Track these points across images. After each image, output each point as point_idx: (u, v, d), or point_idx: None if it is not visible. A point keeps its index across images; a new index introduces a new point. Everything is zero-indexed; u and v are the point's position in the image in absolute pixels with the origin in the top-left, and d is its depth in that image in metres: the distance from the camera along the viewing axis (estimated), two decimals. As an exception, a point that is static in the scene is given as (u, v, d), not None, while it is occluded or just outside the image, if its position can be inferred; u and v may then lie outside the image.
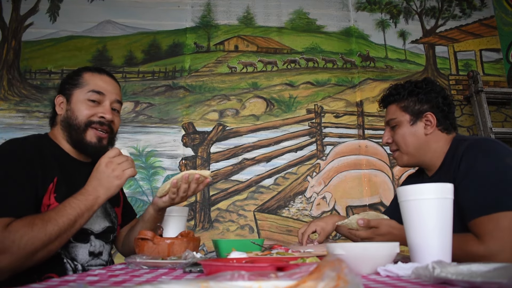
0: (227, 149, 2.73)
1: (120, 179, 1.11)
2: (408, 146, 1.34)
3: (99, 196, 1.10)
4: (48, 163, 1.18)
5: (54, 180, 1.16)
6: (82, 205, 1.07)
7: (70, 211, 1.06)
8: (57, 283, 0.70)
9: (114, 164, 1.11)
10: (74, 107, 1.28)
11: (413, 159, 1.35)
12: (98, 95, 1.28)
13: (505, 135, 2.74)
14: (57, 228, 1.02)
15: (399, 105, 1.36)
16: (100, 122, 1.28)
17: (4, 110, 2.67)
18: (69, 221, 1.04)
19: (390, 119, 1.38)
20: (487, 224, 1.07)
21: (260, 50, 2.93)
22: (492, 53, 3.05)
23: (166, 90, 2.80)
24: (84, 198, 1.08)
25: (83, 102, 1.28)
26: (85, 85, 1.29)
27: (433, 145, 1.32)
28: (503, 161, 1.14)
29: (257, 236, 2.59)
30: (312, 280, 0.43)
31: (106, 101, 1.30)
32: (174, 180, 1.21)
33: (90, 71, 1.33)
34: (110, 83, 1.34)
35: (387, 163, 2.77)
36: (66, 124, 1.28)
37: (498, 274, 0.60)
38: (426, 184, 0.87)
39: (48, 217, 1.04)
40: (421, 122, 1.33)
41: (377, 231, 1.12)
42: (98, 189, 1.10)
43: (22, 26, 2.82)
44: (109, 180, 1.10)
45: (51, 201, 1.15)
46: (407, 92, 1.35)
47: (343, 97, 2.87)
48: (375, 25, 3.04)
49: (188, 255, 1.00)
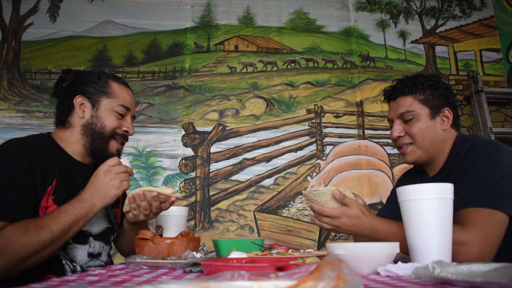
0: (227, 149, 2.73)
1: (117, 189, 1.11)
2: (426, 141, 1.27)
3: (95, 204, 1.10)
4: (48, 164, 1.17)
5: (53, 182, 1.15)
6: (77, 212, 1.07)
7: (65, 218, 1.05)
8: (57, 283, 0.70)
9: (113, 174, 1.11)
10: (102, 115, 1.28)
11: (426, 154, 1.29)
12: (125, 109, 1.31)
13: (505, 135, 2.74)
14: (51, 234, 1.02)
15: (417, 97, 1.29)
16: (123, 135, 1.32)
17: (4, 110, 2.67)
18: (63, 228, 1.04)
19: (406, 111, 1.29)
20: (474, 215, 1.06)
21: (260, 50, 2.93)
22: (492, 53, 3.05)
23: (166, 90, 2.80)
24: (80, 206, 1.08)
25: (112, 113, 1.29)
26: (114, 97, 1.30)
27: (445, 142, 1.29)
28: (503, 164, 1.14)
29: (257, 236, 2.59)
30: (312, 280, 0.43)
31: (129, 116, 1.34)
32: (130, 195, 1.19)
33: (117, 81, 1.34)
34: (132, 98, 1.37)
35: (387, 163, 2.77)
36: (90, 130, 1.27)
37: (498, 274, 0.60)
38: (426, 184, 0.88)
39: (43, 223, 1.03)
40: (439, 117, 1.28)
41: (346, 211, 1.07)
42: (95, 197, 1.10)
43: (22, 26, 2.82)
44: (106, 189, 1.10)
45: (49, 203, 1.14)
46: (427, 85, 1.29)
47: (343, 97, 2.87)
48: (375, 25, 3.04)
49: (188, 255, 1.00)
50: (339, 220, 1.07)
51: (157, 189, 1.18)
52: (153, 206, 1.20)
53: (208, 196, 2.64)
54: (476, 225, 1.04)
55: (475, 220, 1.05)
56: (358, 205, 1.09)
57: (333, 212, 1.08)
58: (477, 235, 1.02)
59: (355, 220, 1.07)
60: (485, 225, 1.04)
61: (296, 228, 2.63)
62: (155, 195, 1.16)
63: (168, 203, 1.22)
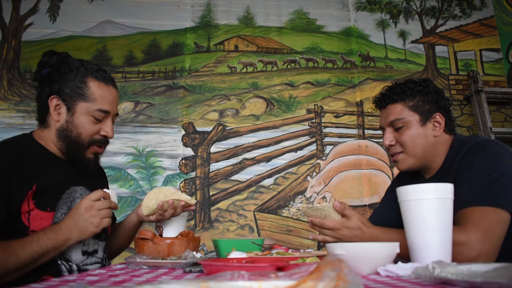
0: (227, 149, 2.73)
1: (96, 227, 1.07)
2: (417, 148, 1.25)
3: (70, 238, 1.06)
4: (26, 170, 1.12)
5: (33, 188, 1.11)
6: (50, 244, 1.03)
7: (36, 248, 1.01)
8: (57, 283, 0.70)
9: (94, 210, 1.07)
10: (77, 121, 1.19)
11: (418, 162, 1.28)
12: (104, 114, 1.21)
13: (505, 135, 2.74)
14: (17, 263, 0.99)
15: (406, 104, 1.27)
16: (101, 140, 1.23)
17: (4, 110, 2.67)
18: (32, 258, 1.01)
19: (396, 119, 1.27)
20: (473, 214, 1.05)
21: (260, 50, 2.93)
22: (492, 53, 3.05)
23: (166, 90, 2.80)
24: (55, 237, 1.04)
25: (87, 118, 1.19)
26: (92, 100, 1.19)
27: (438, 147, 1.27)
28: (503, 162, 1.13)
29: (257, 236, 2.59)
30: (312, 280, 0.43)
31: (109, 118, 1.24)
32: (160, 203, 1.22)
33: (96, 79, 1.21)
34: (115, 97, 1.26)
35: (387, 163, 2.77)
36: (65, 136, 1.20)
37: (498, 274, 0.60)
38: (426, 184, 0.87)
39: (12, 249, 0.99)
40: (430, 123, 1.27)
41: (347, 222, 1.07)
42: (72, 231, 1.05)
43: (22, 26, 2.82)
44: (85, 226, 1.06)
45: (31, 207, 1.10)
46: (416, 91, 1.27)
47: (343, 97, 2.87)
48: (375, 25, 3.04)
49: (188, 255, 1.00)
50: (339, 232, 1.08)
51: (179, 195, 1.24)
52: (178, 212, 1.26)
53: (208, 196, 2.64)
54: (475, 224, 1.03)
55: (474, 219, 1.04)
56: (359, 217, 1.09)
57: (334, 224, 1.08)
58: (476, 235, 1.01)
59: (356, 232, 1.07)
60: (484, 224, 1.03)
61: (296, 228, 2.63)
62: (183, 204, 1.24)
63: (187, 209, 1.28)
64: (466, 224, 1.05)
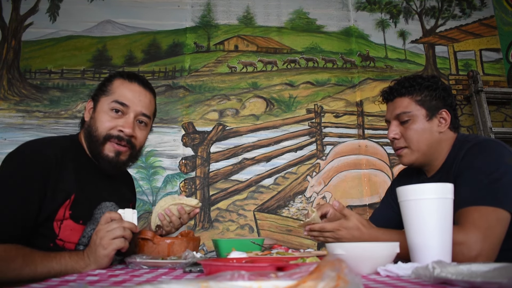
0: (227, 149, 2.73)
1: (105, 249, 0.98)
2: (422, 143, 1.25)
3: (89, 265, 1.00)
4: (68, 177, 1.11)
5: (71, 197, 1.10)
6: (70, 266, 1.00)
7: (56, 266, 1.00)
8: (57, 283, 0.70)
9: (103, 232, 1.00)
10: (98, 117, 1.19)
11: (422, 157, 1.28)
12: (121, 106, 1.19)
13: (505, 135, 2.74)
14: (32, 274, 0.98)
15: (414, 98, 1.27)
16: (119, 136, 1.19)
17: (4, 110, 2.66)
18: (48, 273, 0.99)
19: (402, 113, 1.27)
20: (472, 214, 1.05)
21: (260, 50, 2.93)
22: (492, 53, 3.05)
23: (166, 90, 2.80)
24: (75, 261, 1.01)
25: (106, 112, 1.19)
26: (111, 94, 1.20)
27: (442, 144, 1.27)
28: (503, 162, 1.13)
29: (257, 236, 2.59)
30: (312, 280, 0.43)
31: (130, 114, 1.21)
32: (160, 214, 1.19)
33: (121, 77, 1.24)
34: (139, 93, 1.23)
35: (387, 163, 2.77)
36: (88, 134, 1.21)
37: (498, 274, 0.60)
38: (426, 184, 0.87)
39: (32, 260, 0.99)
40: (436, 119, 1.27)
41: (345, 223, 1.08)
42: (90, 258, 1.01)
43: (22, 26, 2.82)
44: (97, 250, 0.99)
45: (66, 216, 1.10)
46: (424, 86, 1.27)
47: (343, 97, 2.87)
48: (375, 25, 3.04)
49: (188, 255, 1.00)
50: (338, 232, 1.09)
51: (182, 200, 1.19)
52: (184, 218, 1.21)
53: (208, 196, 2.64)
54: (474, 224, 1.04)
55: (474, 219, 1.05)
56: (358, 217, 1.09)
57: (333, 226, 1.10)
58: (475, 235, 1.02)
59: (355, 232, 1.08)
60: (484, 224, 1.03)
61: (296, 228, 2.63)
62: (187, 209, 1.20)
63: (192, 214, 1.23)
64: (466, 223, 1.05)
